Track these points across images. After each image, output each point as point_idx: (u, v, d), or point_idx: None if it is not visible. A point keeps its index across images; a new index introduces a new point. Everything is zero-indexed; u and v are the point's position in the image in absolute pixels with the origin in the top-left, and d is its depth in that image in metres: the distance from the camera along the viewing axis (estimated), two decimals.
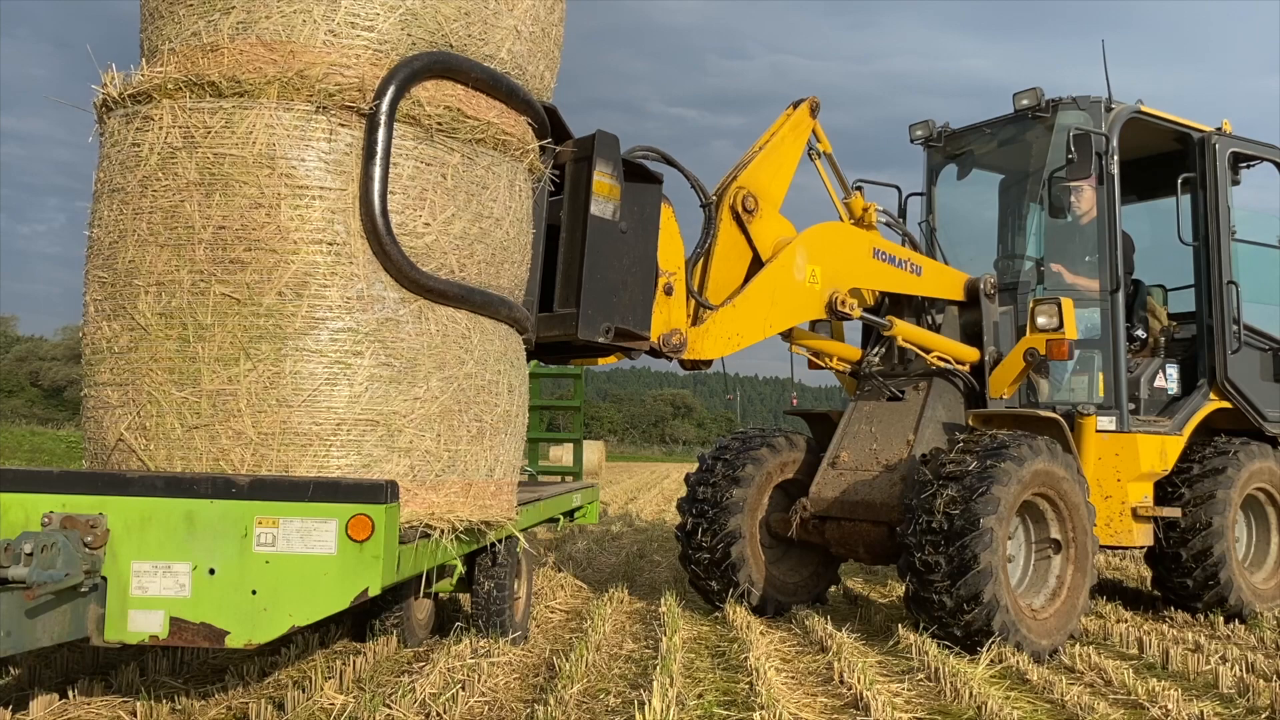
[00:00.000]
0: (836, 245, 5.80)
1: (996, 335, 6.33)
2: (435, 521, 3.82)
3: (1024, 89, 6.50)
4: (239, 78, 3.69)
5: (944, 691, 4.32)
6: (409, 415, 3.81)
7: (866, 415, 6.26)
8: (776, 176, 5.70)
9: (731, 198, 5.43)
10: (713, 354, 5.26)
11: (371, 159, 3.72)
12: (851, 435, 6.23)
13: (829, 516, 6.02)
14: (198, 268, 3.67)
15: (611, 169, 4.52)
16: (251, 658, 4.54)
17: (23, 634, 3.07)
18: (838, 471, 6.10)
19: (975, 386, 6.25)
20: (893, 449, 5.99)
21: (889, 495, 5.76)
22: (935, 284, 6.33)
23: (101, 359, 3.83)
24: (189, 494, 3.34)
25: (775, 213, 5.64)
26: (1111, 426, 6.18)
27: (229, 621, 3.29)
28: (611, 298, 4.56)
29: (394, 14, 3.86)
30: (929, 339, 6.22)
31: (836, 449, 6.22)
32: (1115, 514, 6.16)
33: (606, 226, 4.49)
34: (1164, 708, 4.05)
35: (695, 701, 4.09)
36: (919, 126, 7.27)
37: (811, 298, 5.60)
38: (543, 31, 4.46)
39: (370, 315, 3.74)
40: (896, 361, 6.40)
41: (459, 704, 3.89)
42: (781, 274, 5.47)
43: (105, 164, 3.94)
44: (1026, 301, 6.30)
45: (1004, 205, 7.32)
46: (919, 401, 6.10)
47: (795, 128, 5.84)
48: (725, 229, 5.45)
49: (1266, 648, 5.54)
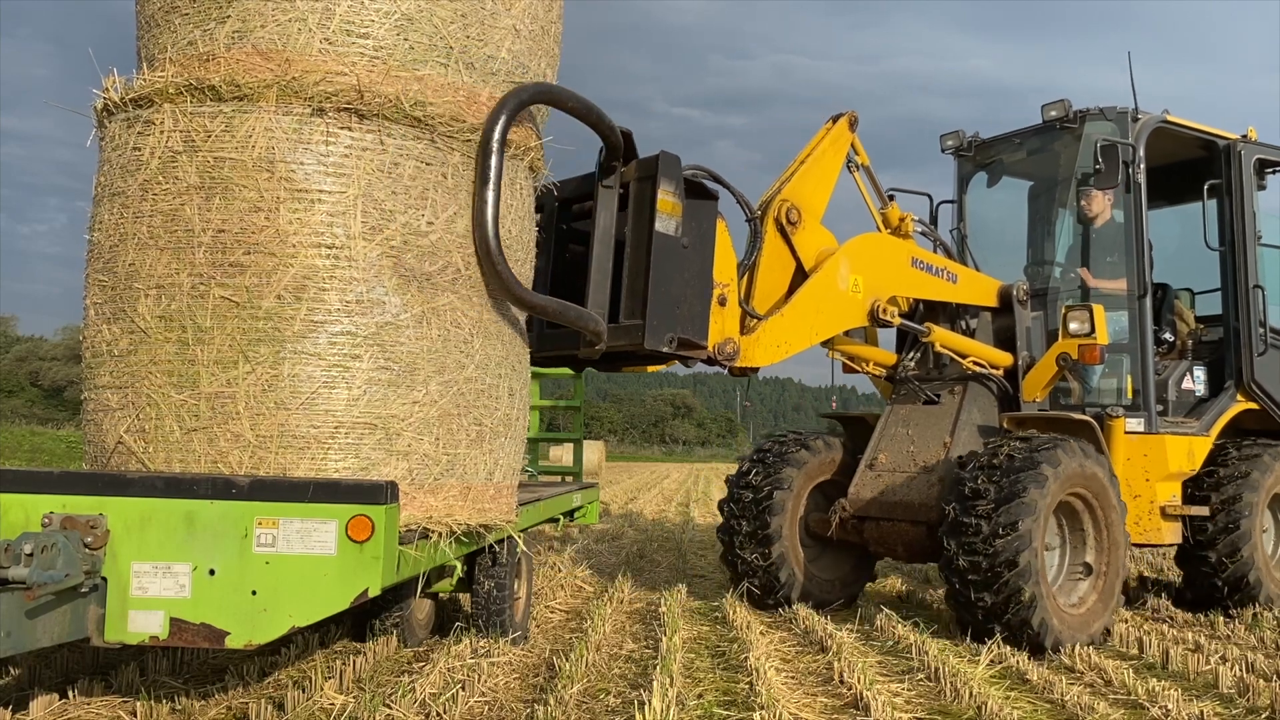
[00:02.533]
0: (877, 255, 6.02)
1: (1029, 340, 6.54)
2: (433, 525, 3.82)
3: (1052, 101, 6.69)
4: (238, 81, 3.69)
5: (944, 691, 4.32)
6: (407, 418, 3.81)
7: (903, 418, 6.45)
8: (818, 189, 5.88)
9: (776, 211, 5.61)
10: (763, 361, 5.45)
11: (485, 185, 3.99)
12: (888, 438, 6.42)
13: (867, 517, 6.19)
14: (197, 271, 3.68)
15: (674, 188, 4.73)
16: (251, 658, 4.54)
17: (23, 634, 3.08)
18: (875, 473, 6.30)
19: (1009, 390, 6.44)
20: (929, 451, 6.17)
21: (927, 496, 5.93)
22: (970, 291, 6.54)
23: (101, 362, 3.83)
24: (189, 494, 3.35)
25: (817, 224, 5.83)
26: (1140, 428, 6.33)
27: (229, 622, 3.29)
28: (674, 309, 4.77)
29: (389, 19, 3.86)
30: (965, 344, 6.42)
31: (874, 451, 6.41)
32: (1144, 512, 6.30)
33: (669, 242, 4.70)
34: (1164, 708, 4.05)
35: (695, 701, 4.09)
36: (950, 137, 7.48)
37: (854, 306, 5.82)
38: (542, 29, 4.47)
39: (369, 319, 3.74)
40: (931, 366, 6.60)
41: (459, 704, 3.89)
42: (826, 284, 5.68)
43: (105, 168, 3.95)
44: (1057, 307, 6.54)
45: (1033, 212, 7.52)
46: (954, 405, 6.30)
47: (835, 142, 6.03)
48: (770, 241, 5.63)
49: (1266, 648, 5.54)
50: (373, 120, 3.79)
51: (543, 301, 4.27)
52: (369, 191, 3.78)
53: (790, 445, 6.65)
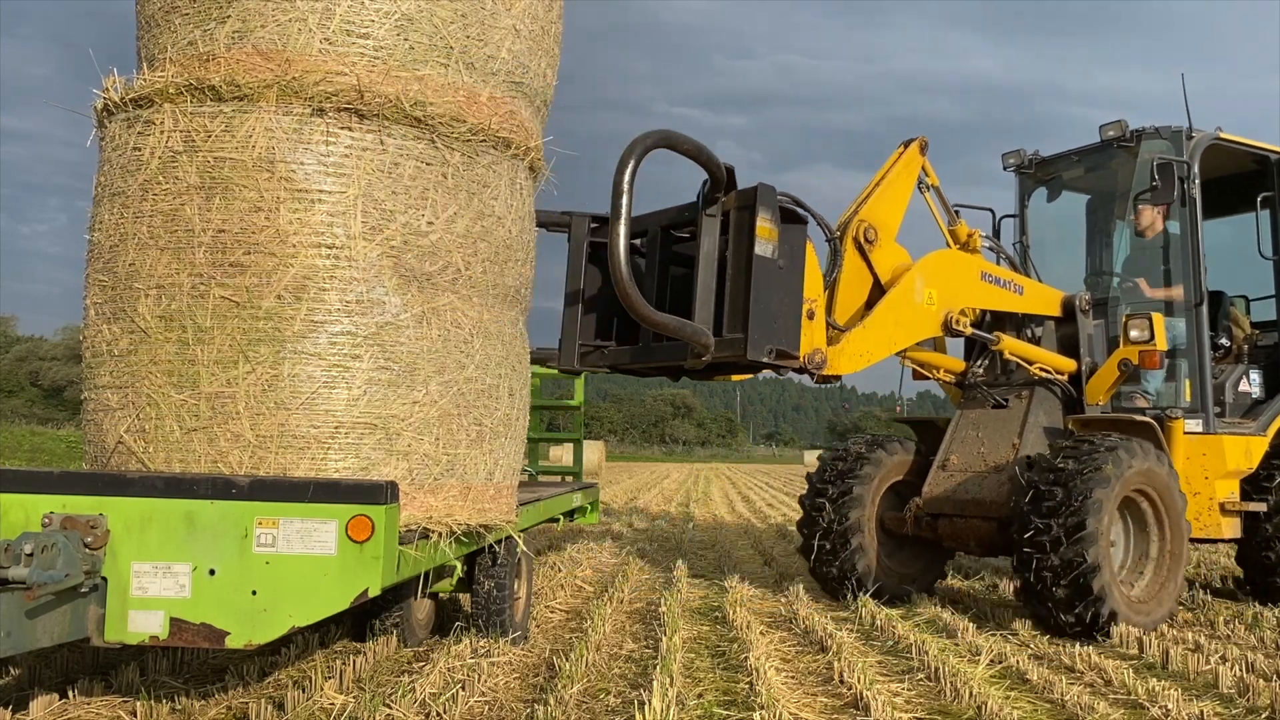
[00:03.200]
0: (949, 270, 6.42)
1: (1091, 347, 6.93)
2: (433, 525, 3.82)
3: (1110, 121, 7.10)
4: (238, 81, 3.69)
5: (944, 691, 4.32)
6: (407, 419, 3.81)
7: (973, 421, 6.87)
8: (892, 209, 6.26)
9: (855, 230, 5.99)
10: (847, 370, 5.80)
11: (617, 220, 4.45)
12: (959, 440, 6.84)
13: (941, 514, 6.61)
14: (197, 271, 3.68)
15: (771, 215, 5.16)
16: (251, 658, 4.54)
17: (23, 634, 3.07)
18: (948, 473, 6.71)
19: (1073, 394, 6.83)
20: (999, 452, 6.58)
21: (997, 494, 6.32)
22: (1035, 302, 6.91)
23: (101, 362, 3.83)
24: (189, 494, 3.35)
25: (892, 241, 6.20)
26: (1199, 429, 6.70)
27: (229, 622, 3.29)
28: (772, 324, 5.19)
29: (389, 19, 3.86)
30: (1032, 351, 6.81)
31: (946, 452, 6.83)
32: (1204, 509, 6.67)
33: (767, 264, 5.13)
34: (1164, 708, 4.05)
35: (695, 701, 4.09)
36: (1011, 155, 7.93)
37: (929, 318, 6.21)
38: (542, 29, 4.47)
39: (369, 319, 3.74)
40: (999, 372, 7.02)
41: (459, 704, 3.89)
42: (903, 298, 6.06)
43: (106, 168, 3.95)
44: (1117, 315, 6.99)
45: (1091, 225, 7.92)
46: (1022, 408, 6.70)
47: (907, 165, 6.41)
48: (849, 258, 6.01)
49: (1266, 648, 5.54)
50: (373, 120, 3.79)
51: (665, 319, 4.75)
52: (369, 191, 3.78)
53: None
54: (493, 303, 4.25)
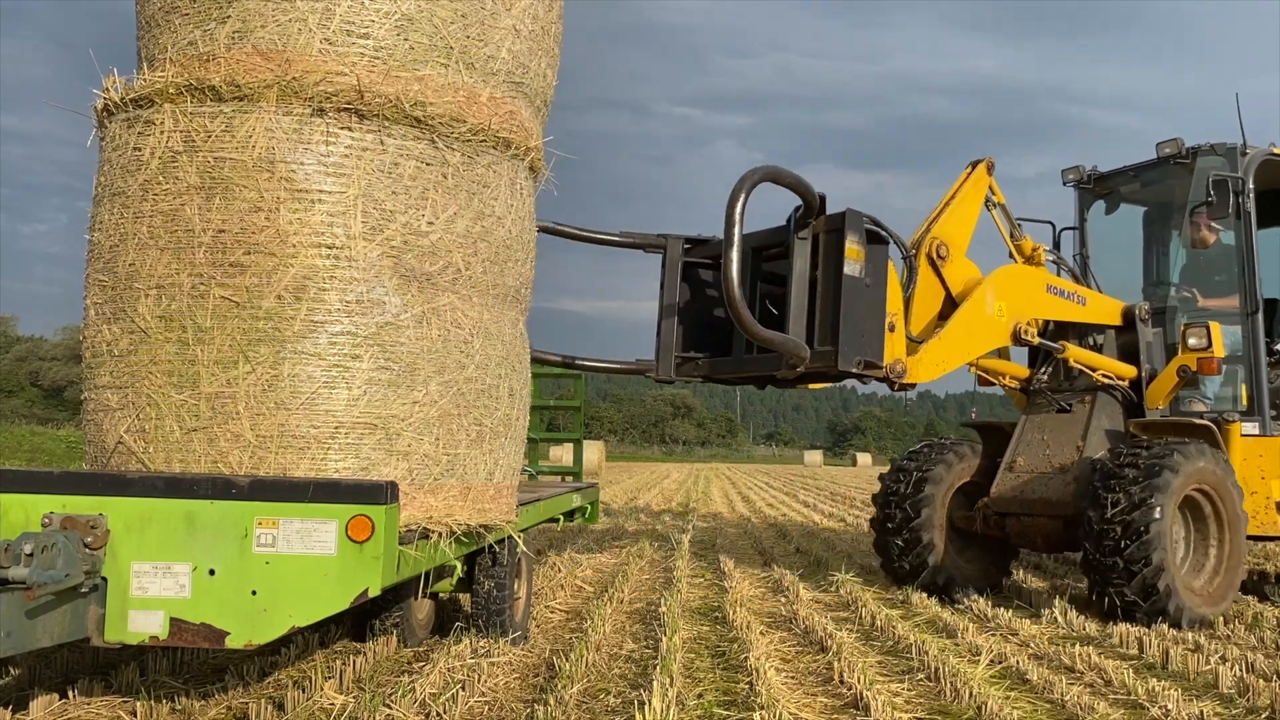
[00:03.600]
0: (1018, 284, 6.85)
1: (1150, 354, 7.32)
2: (433, 525, 3.82)
3: (1166, 139, 7.43)
4: (238, 81, 3.69)
5: (944, 691, 4.32)
6: (408, 419, 3.81)
7: (1038, 425, 7.27)
8: (962, 227, 6.70)
9: (928, 247, 6.39)
10: (925, 378, 6.22)
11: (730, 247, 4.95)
12: (1026, 443, 7.23)
13: (1009, 513, 7.04)
14: (197, 271, 3.68)
15: (858, 237, 5.62)
16: (251, 658, 4.54)
17: (23, 634, 3.07)
18: (1015, 474, 7.12)
19: (1133, 399, 7.26)
20: (1064, 454, 6.98)
21: (1063, 493, 6.74)
22: (1097, 312, 7.31)
23: (101, 362, 3.83)
24: (189, 495, 3.34)
25: (962, 256, 6.62)
26: (1255, 431, 7.04)
27: (229, 622, 3.29)
28: (860, 337, 5.63)
29: (389, 20, 3.86)
30: (1095, 359, 7.24)
31: (1013, 455, 7.22)
32: (1260, 507, 6.94)
33: (855, 282, 5.59)
34: (1164, 708, 4.05)
35: (695, 701, 4.09)
36: (1070, 171, 8.31)
37: (1000, 329, 6.64)
38: (542, 29, 4.47)
39: (369, 319, 3.74)
40: (1062, 379, 7.38)
41: (459, 704, 3.89)
42: (976, 310, 6.48)
43: (106, 168, 3.95)
44: (1175, 324, 7.37)
45: (1149, 237, 8.31)
46: (1085, 413, 7.10)
47: (975, 184, 6.86)
48: (923, 274, 6.42)
49: (1266, 648, 5.55)
50: (373, 120, 3.79)
51: (770, 335, 5.24)
52: (369, 191, 3.78)
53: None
54: (493, 303, 4.25)
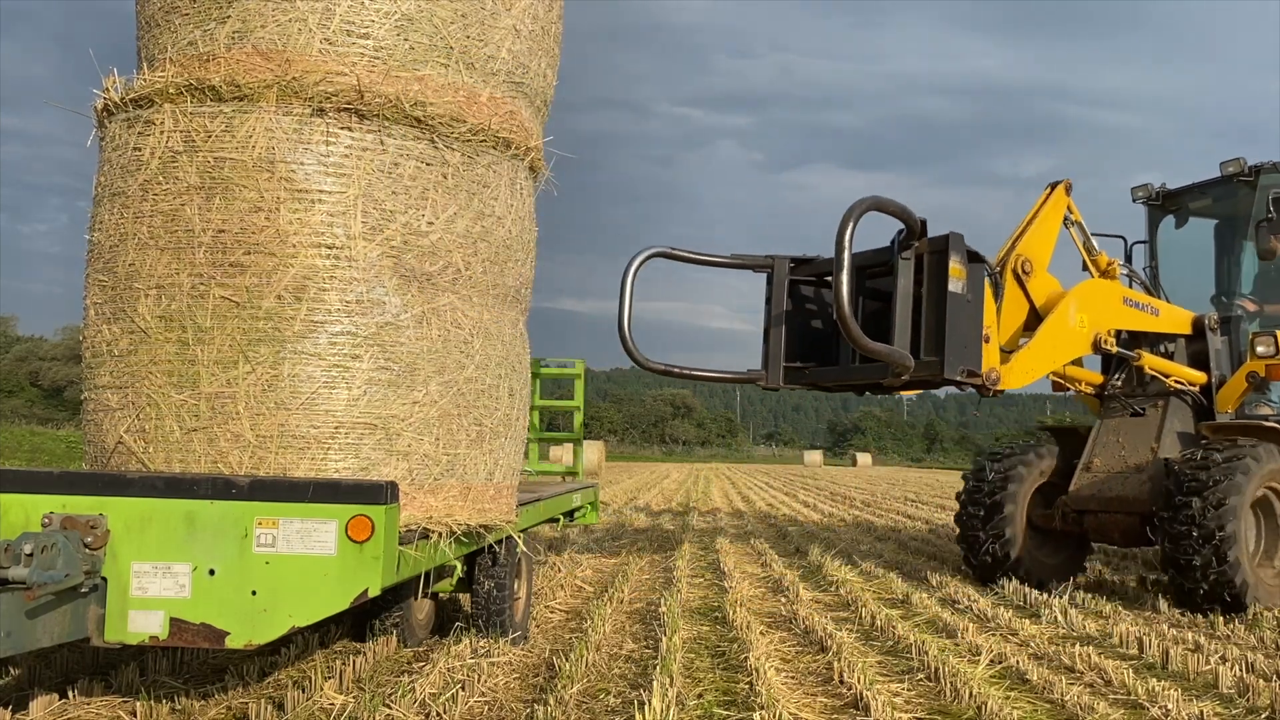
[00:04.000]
0: (1097, 297, 7.38)
1: (1220, 361, 7.85)
2: (433, 525, 3.82)
3: (1230, 159, 7.97)
4: (238, 81, 3.69)
5: (944, 691, 4.32)
6: (408, 419, 3.81)
7: (1113, 429, 7.81)
8: (1043, 244, 7.19)
9: (1013, 264, 6.87)
10: (1016, 385, 6.73)
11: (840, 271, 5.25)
12: (1102, 445, 7.78)
13: (1087, 510, 7.62)
14: (197, 271, 3.68)
15: (960, 258, 6.11)
16: (251, 658, 4.54)
17: (23, 634, 3.07)
18: (1092, 474, 7.68)
19: (1203, 403, 7.77)
20: (1139, 455, 7.53)
21: (1139, 492, 7.32)
22: (1169, 322, 7.87)
23: (101, 362, 3.83)
24: (189, 495, 3.34)
25: (1044, 272, 7.12)
26: None
27: (229, 622, 3.29)
28: (963, 349, 6.14)
29: (389, 20, 3.86)
30: (1168, 366, 7.76)
31: (1089, 455, 7.77)
32: None
33: (958, 299, 6.09)
34: (1164, 708, 4.05)
35: (695, 701, 4.09)
36: (1140, 189, 8.84)
37: (1082, 339, 7.18)
38: (542, 29, 4.47)
39: (369, 319, 3.74)
40: (1135, 384, 7.93)
41: (459, 704, 3.89)
42: (1060, 323, 6.99)
43: (106, 168, 3.95)
44: (1242, 333, 7.92)
45: (1218, 250, 8.72)
46: (1158, 416, 7.66)
47: (1055, 204, 7.36)
48: (1009, 288, 6.88)
49: (1266, 648, 5.55)
50: (373, 120, 3.79)
51: (879, 347, 5.62)
52: (369, 191, 3.78)
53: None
54: (493, 303, 4.25)
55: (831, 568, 8.31)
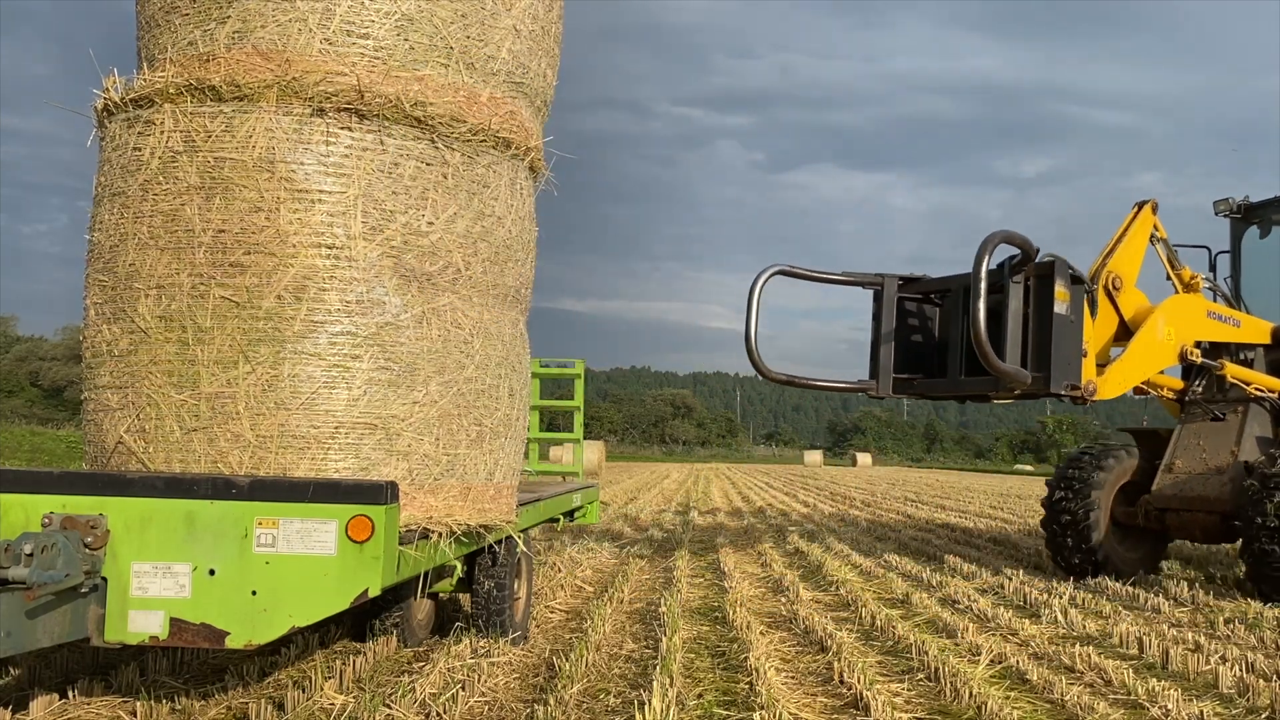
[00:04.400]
0: (1183, 311, 7.98)
1: None
2: (434, 525, 3.82)
3: None
4: (238, 81, 3.69)
5: (944, 691, 4.32)
6: (408, 419, 3.81)
7: (1194, 432, 8.32)
8: (1132, 261, 7.78)
9: (1104, 280, 7.45)
10: (1111, 395, 7.37)
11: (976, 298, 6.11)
12: (1183, 447, 8.29)
13: (1168, 508, 8.13)
14: (198, 271, 3.68)
15: (1064, 282, 6.77)
16: (251, 658, 4.54)
17: (23, 634, 3.07)
18: (1174, 475, 8.19)
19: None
20: (1219, 457, 8.01)
21: (1220, 492, 7.81)
22: (1250, 333, 8.41)
23: (101, 362, 3.83)
24: (189, 495, 3.34)
25: (1133, 287, 7.71)
26: None
27: (229, 622, 3.29)
28: (1067, 365, 6.80)
29: (389, 20, 3.86)
30: (1250, 374, 8.29)
31: (1171, 457, 8.28)
32: None
33: (1063, 319, 6.76)
34: (1164, 708, 4.05)
35: (695, 701, 4.09)
36: (1221, 203, 9.28)
37: (1169, 350, 7.80)
38: (542, 29, 4.47)
39: (369, 319, 3.74)
40: (1215, 391, 8.40)
41: (459, 704, 3.89)
42: (1149, 336, 7.63)
43: (106, 168, 3.95)
44: None
45: None
46: (1238, 421, 8.14)
47: (1142, 223, 7.91)
48: (1102, 303, 7.46)
49: (1266, 648, 5.54)
50: (373, 120, 3.79)
51: (1004, 366, 6.35)
52: (369, 191, 3.78)
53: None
54: (493, 303, 4.25)
55: (831, 567, 8.31)
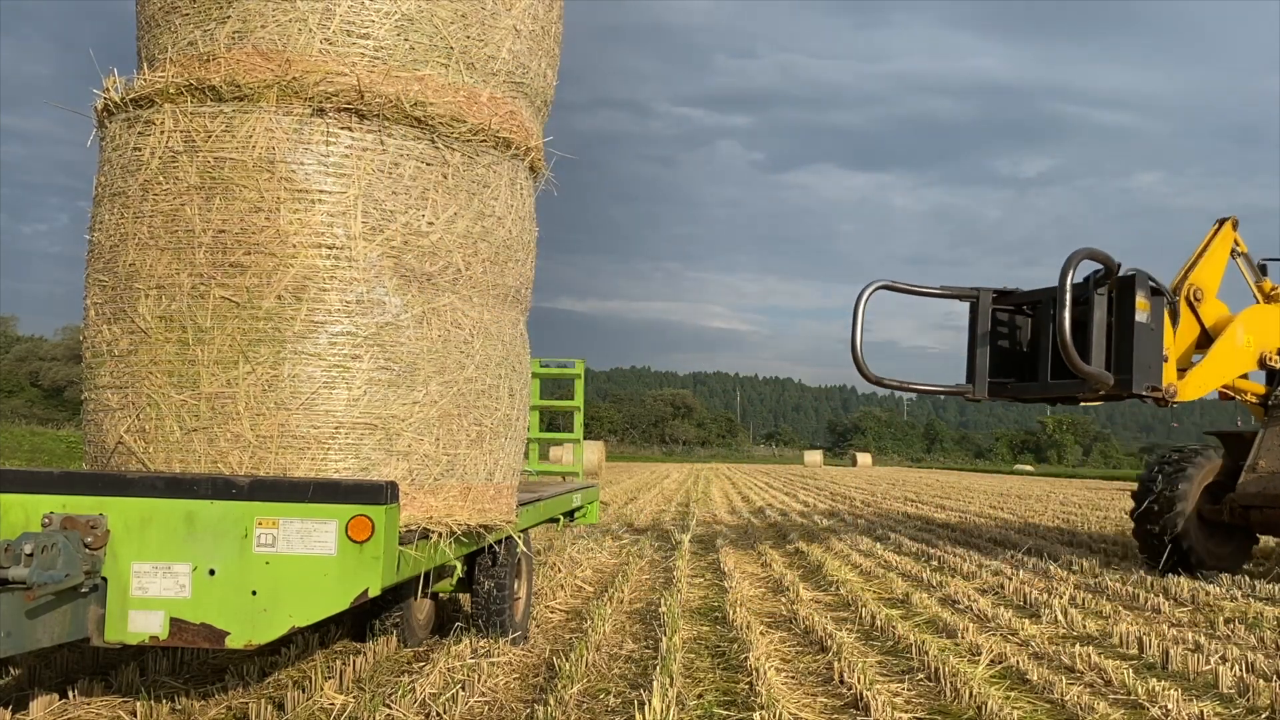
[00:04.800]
0: (1262, 320, 8.68)
1: None
2: (434, 525, 3.82)
3: None
4: (238, 81, 3.69)
5: (944, 691, 4.32)
6: (408, 419, 3.81)
7: (1277, 434, 8.76)
8: (1213, 274, 8.46)
9: (1186, 291, 8.13)
10: (1191, 397, 8.04)
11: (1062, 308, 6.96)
12: (1267, 448, 8.73)
13: (1253, 506, 8.53)
14: (198, 271, 3.68)
15: (1146, 294, 7.47)
16: (251, 658, 4.54)
17: (23, 634, 3.07)
18: (1258, 474, 8.63)
19: None
20: None
21: None
22: None
23: (101, 362, 3.83)
24: (189, 495, 3.34)
25: (1213, 298, 8.40)
26: None
27: (229, 622, 3.29)
28: (1148, 369, 7.49)
29: (389, 20, 3.86)
30: None
31: (1255, 457, 8.71)
32: None
33: (1144, 328, 7.47)
34: (1164, 708, 4.05)
35: (695, 701, 4.09)
36: None
37: (1248, 357, 8.50)
38: (542, 29, 4.47)
39: (369, 319, 3.74)
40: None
41: (459, 704, 3.89)
42: (1229, 344, 8.31)
43: (106, 168, 3.95)
44: None
45: None
46: None
47: (1223, 239, 8.61)
48: (1184, 313, 8.10)
49: (1266, 648, 5.54)
50: (373, 120, 3.79)
51: (1090, 370, 7.15)
52: (369, 192, 3.78)
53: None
54: (493, 303, 4.25)
55: (831, 567, 8.31)
